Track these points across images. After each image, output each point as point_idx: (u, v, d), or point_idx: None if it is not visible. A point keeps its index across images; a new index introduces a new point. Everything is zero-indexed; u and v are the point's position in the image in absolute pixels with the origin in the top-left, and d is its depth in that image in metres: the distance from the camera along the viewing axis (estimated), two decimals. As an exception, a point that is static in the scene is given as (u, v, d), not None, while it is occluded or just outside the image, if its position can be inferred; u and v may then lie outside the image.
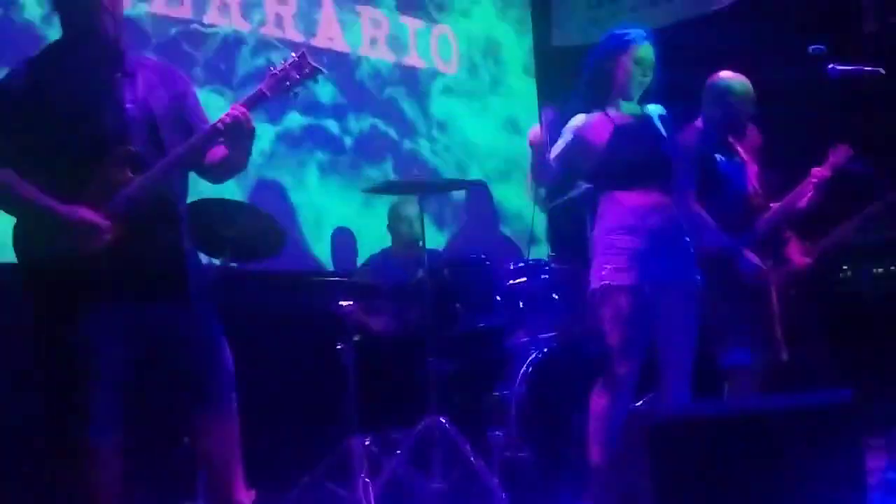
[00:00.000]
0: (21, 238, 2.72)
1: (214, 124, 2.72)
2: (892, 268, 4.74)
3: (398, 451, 3.99)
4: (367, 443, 4.00)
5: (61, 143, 2.67)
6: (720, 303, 3.76)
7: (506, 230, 5.84)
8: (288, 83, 2.75)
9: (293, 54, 2.80)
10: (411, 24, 5.70)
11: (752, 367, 3.79)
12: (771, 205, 4.09)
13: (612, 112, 3.42)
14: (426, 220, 4.31)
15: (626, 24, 3.58)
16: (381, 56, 5.54)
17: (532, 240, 4.59)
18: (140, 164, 2.70)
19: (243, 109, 2.72)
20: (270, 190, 4.95)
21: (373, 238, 5.13)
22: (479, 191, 5.65)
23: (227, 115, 2.72)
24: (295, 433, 4.30)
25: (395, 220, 4.89)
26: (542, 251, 5.22)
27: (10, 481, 3.76)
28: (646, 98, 3.47)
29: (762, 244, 3.95)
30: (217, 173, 2.92)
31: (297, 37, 5.14)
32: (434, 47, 5.80)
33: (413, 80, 5.65)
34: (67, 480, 2.77)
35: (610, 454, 3.13)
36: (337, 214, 5.19)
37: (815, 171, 4.05)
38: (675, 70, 3.48)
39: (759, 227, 3.99)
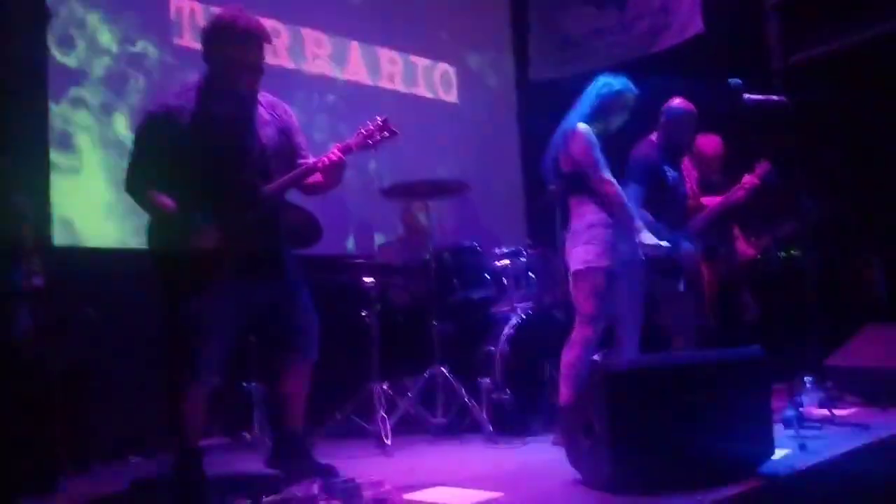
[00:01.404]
0: (155, 233, 2.74)
1: (317, 162, 2.77)
2: (792, 251, 4.75)
3: (409, 394, 4.01)
4: (385, 387, 3.99)
5: (198, 169, 2.70)
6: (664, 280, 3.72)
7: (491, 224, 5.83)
8: (370, 141, 2.77)
9: (378, 118, 2.80)
10: (419, 61, 5.67)
11: (690, 329, 3.76)
12: (706, 203, 4.10)
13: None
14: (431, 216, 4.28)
15: (605, 70, 3.57)
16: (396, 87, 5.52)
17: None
18: (256, 187, 2.76)
19: (340, 155, 2.75)
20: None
21: (385, 227, 5.12)
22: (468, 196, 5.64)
23: (328, 157, 2.75)
24: (330, 380, 4.03)
25: (407, 214, 4.85)
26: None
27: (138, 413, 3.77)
28: None
29: (714, 239, 3.97)
30: (311, 192, 2.96)
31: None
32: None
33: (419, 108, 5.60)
34: (167, 410, 2.86)
35: (575, 396, 3.14)
36: (358, 210, 5.16)
37: (746, 178, 4.07)
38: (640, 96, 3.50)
39: (695, 223, 4.01)
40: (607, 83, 3.44)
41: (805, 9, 5.00)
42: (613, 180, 3.35)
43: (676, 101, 3.88)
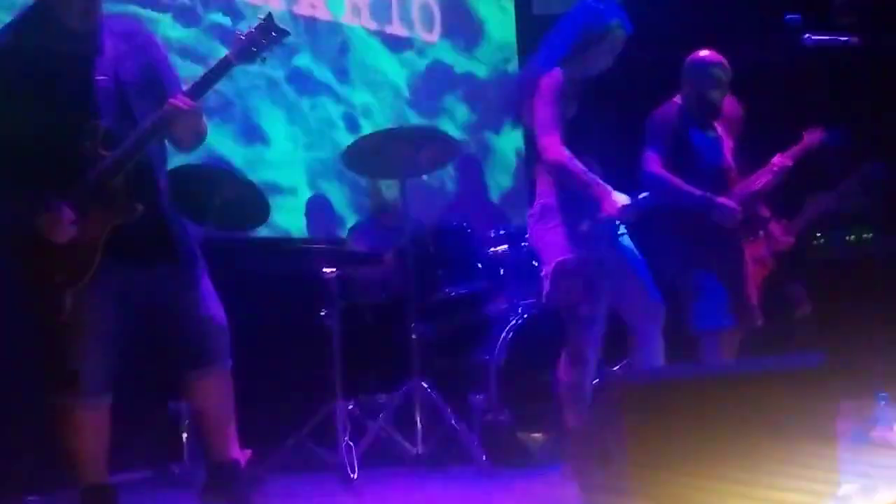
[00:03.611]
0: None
1: (163, 112, 2.67)
2: (864, 235, 4.77)
3: (381, 415, 4.00)
4: (350, 406, 4.01)
5: (28, 124, 2.63)
6: (693, 269, 3.81)
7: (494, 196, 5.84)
8: (255, 49, 2.69)
9: (260, 17, 2.72)
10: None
11: (726, 330, 3.83)
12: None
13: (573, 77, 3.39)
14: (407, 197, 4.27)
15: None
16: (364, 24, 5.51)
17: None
18: (112, 140, 2.67)
19: (177, 102, 2.66)
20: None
21: (349, 205, 5.13)
22: (470, 162, 5.63)
23: (169, 105, 2.67)
24: (280, 396, 4.31)
25: (374, 188, 4.86)
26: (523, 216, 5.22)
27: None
28: None
29: (743, 223, 3.97)
30: (177, 146, 2.91)
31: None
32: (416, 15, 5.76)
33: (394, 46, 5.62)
34: (57, 440, 2.79)
35: (586, 416, 3.15)
36: (315, 183, 5.19)
37: (777, 159, 4.08)
38: (655, 48, 3.47)
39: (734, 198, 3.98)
40: (595, 11, 3.37)
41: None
42: (562, 148, 3.27)
43: (702, 53, 3.92)
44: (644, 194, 3.31)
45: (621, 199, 3.25)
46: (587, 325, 3.34)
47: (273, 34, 2.69)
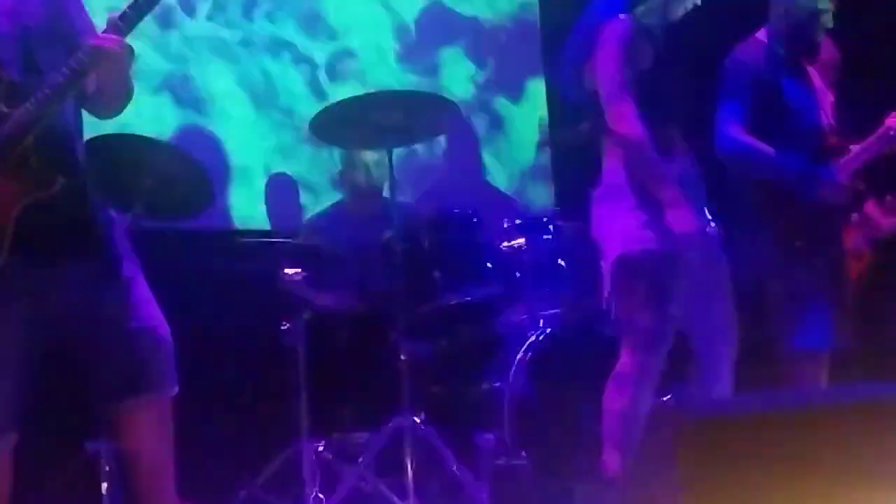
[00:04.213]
0: None
1: (80, 55, 2.68)
2: None
3: (360, 459, 4.00)
4: (320, 448, 4.04)
5: None
6: (793, 268, 3.76)
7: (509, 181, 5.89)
8: None
9: None
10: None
11: (827, 351, 3.78)
12: (850, 147, 4.01)
13: None
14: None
15: None
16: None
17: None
18: (16, 95, 2.67)
19: (101, 41, 2.69)
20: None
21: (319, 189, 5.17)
22: (461, 132, 5.63)
23: (91, 45, 2.68)
24: (228, 435, 4.37)
25: (349, 166, 4.89)
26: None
27: None
28: None
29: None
30: (96, 107, 2.93)
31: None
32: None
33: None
34: None
35: (631, 461, 3.14)
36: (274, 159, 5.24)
37: (893, 120, 3.97)
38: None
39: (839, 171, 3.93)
40: None
41: None
42: (637, 122, 3.38)
43: None
44: (712, 224, 3.44)
45: (693, 221, 3.34)
46: (647, 340, 3.39)
47: None
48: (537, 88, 5.93)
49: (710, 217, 3.53)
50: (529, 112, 5.98)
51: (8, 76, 2.69)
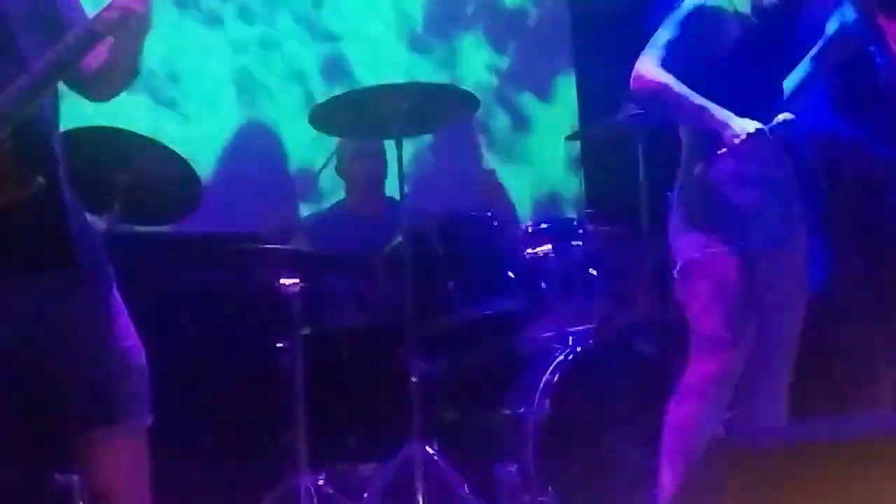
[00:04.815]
0: None
1: (92, 25, 2.70)
2: None
3: (365, 494, 4.00)
4: (320, 482, 4.04)
5: None
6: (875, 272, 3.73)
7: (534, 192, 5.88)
8: None
9: None
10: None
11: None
12: None
13: None
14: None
15: None
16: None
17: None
18: None
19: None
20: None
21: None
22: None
23: (111, 7, 2.69)
24: (218, 467, 4.39)
25: (349, 159, 4.89)
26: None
27: None
28: None
29: None
30: (98, 87, 2.91)
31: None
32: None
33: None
34: None
35: (683, 486, 3.14)
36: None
37: None
38: None
39: None
40: None
41: None
42: (655, 69, 3.44)
43: None
44: (785, 115, 3.36)
45: (748, 125, 3.33)
46: (711, 346, 3.42)
47: None
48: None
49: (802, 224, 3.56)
50: (562, 114, 6.00)
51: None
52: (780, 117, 3.37)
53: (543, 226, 4.48)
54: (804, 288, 3.56)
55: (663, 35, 3.50)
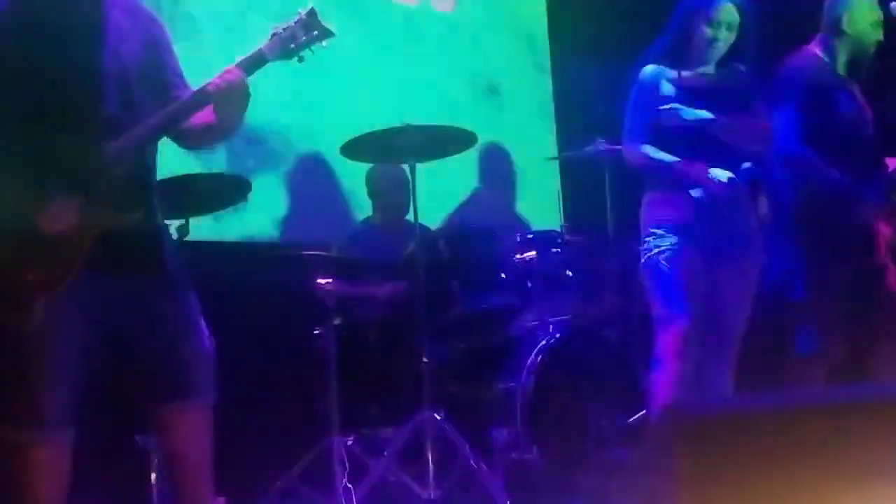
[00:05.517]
0: None
1: (204, 88, 2.77)
2: None
3: (385, 452, 4.06)
4: (349, 443, 4.10)
5: (28, 104, 2.71)
6: (824, 279, 3.72)
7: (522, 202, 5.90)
8: (293, 45, 2.80)
9: (301, 11, 2.83)
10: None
11: (827, 356, 3.76)
12: (888, 161, 3.95)
13: (684, 75, 3.64)
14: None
15: None
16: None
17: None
18: (113, 129, 2.74)
19: (238, 73, 2.77)
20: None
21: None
22: (495, 151, 5.72)
23: (219, 78, 2.75)
24: (265, 431, 4.40)
25: (378, 185, 4.94)
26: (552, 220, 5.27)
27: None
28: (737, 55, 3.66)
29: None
30: (198, 139, 2.99)
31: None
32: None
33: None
34: (6, 482, 2.77)
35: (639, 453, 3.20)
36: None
37: None
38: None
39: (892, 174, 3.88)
40: None
41: None
42: (635, 148, 3.59)
43: None
44: (746, 165, 3.43)
45: (718, 174, 3.43)
46: (661, 326, 3.53)
47: (315, 33, 2.81)
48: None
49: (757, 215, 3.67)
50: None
51: (107, 110, 2.75)
52: (744, 166, 3.48)
53: (529, 236, 4.57)
54: (752, 284, 3.60)
55: (629, 121, 3.62)
